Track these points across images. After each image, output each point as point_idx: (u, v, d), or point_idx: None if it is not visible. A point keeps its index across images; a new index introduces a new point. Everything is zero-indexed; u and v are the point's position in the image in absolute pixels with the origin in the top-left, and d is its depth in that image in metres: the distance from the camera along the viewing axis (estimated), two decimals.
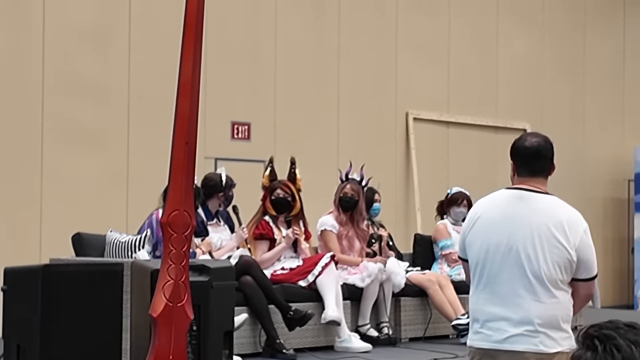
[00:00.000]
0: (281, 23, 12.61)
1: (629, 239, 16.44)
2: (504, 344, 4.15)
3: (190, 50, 4.15)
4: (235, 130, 12.24)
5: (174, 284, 4.13)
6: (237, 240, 8.47)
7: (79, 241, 7.98)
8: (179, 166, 4.16)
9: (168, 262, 4.13)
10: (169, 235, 4.17)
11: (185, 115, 4.25)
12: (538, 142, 4.33)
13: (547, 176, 4.34)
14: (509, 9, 15.08)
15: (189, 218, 4.19)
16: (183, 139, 4.23)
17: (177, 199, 4.16)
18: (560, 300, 4.14)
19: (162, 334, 4.09)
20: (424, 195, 13.53)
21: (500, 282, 4.17)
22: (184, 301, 4.15)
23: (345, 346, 8.38)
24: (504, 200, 4.28)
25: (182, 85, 4.26)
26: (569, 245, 4.12)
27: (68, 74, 10.87)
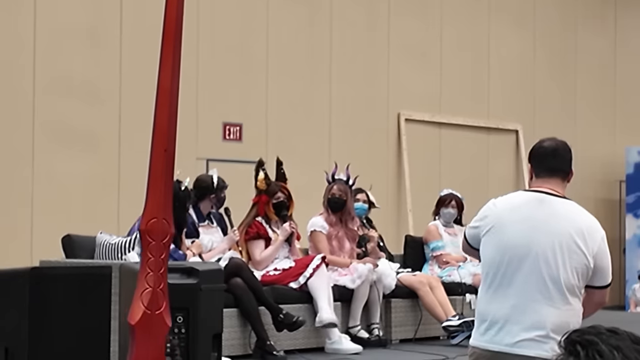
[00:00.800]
0: (273, 25, 12.61)
1: (621, 239, 16.47)
2: (514, 347, 4.10)
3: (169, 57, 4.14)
4: (227, 131, 12.23)
5: (152, 291, 4.12)
6: (228, 243, 8.46)
7: (69, 243, 7.97)
8: (157, 173, 4.15)
9: (146, 269, 4.13)
10: (147, 243, 4.16)
11: (164, 122, 4.23)
12: (556, 142, 4.33)
13: (565, 180, 4.28)
14: (501, 10, 15.10)
15: (167, 226, 4.18)
16: (162, 146, 4.21)
17: (156, 206, 4.14)
18: (575, 307, 4.11)
19: (140, 342, 4.08)
20: (416, 196, 13.54)
21: (515, 285, 4.13)
22: (162, 309, 4.14)
23: (336, 348, 8.37)
24: (524, 203, 4.23)
25: (160, 93, 4.25)
26: (588, 251, 4.09)
27: (59, 75, 10.86)
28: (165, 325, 4.16)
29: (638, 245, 16.10)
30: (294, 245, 8.78)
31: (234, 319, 7.96)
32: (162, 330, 4.13)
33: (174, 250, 7.62)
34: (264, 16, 12.55)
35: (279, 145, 11.88)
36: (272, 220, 8.71)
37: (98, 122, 11.11)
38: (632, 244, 16.15)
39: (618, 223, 16.60)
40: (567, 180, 4.31)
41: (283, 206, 8.69)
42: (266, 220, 8.70)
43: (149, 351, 4.06)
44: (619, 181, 16.57)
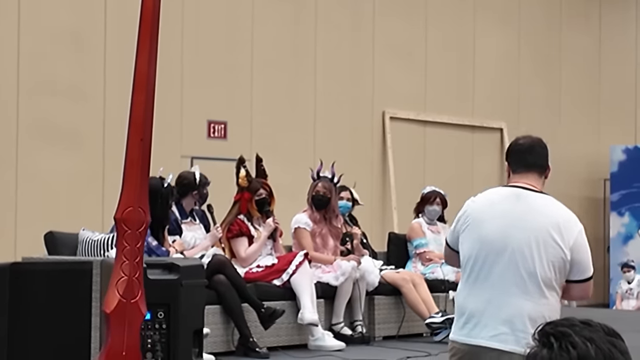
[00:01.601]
0: (258, 23, 12.61)
1: (605, 237, 16.53)
2: (490, 341, 4.12)
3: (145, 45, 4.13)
4: (211, 129, 12.23)
5: (127, 280, 4.12)
6: (211, 240, 8.46)
7: (51, 240, 7.96)
8: (133, 162, 4.15)
9: (122, 258, 4.13)
10: (122, 232, 4.17)
11: (141, 112, 4.23)
12: (532, 139, 4.36)
13: (542, 175, 4.29)
14: (485, 9, 15.13)
15: (143, 215, 4.18)
16: (138, 136, 4.21)
17: (132, 195, 4.15)
18: (552, 301, 4.12)
19: (115, 331, 4.08)
20: (401, 194, 13.56)
21: (492, 280, 4.15)
22: (137, 297, 4.14)
23: (319, 345, 8.38)
24: (501, 198, 4.26)
25: (137, 81, 4.25)
26: (564, 244, 4.10)
27: (43, 75, 10.84)
28: (141, 313, 4.17)
29: (622, 243, 16.17)
30: (277, 242, 8.79)
31: (217, 316, 7.96)
32: (137, 319, 4.14)
33: (157, 247, 7.61)
34: (249, 14, 12.54)
35: (264, 143, 11.88)
36: (253, 217, 8.71)
37: (82, 120, 11.09)
38: (616, 242, 16.22)
39: (602, 221, 16.66)
40: (545, 176, 4.32)
41: (265, 202, 8.70)
42: (248, 218, 8.70)
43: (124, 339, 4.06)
44: (603, 179, 16.63)
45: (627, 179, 16.13)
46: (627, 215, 16.17)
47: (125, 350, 4.03)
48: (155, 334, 5.41)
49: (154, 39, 4.14)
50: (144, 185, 4.11)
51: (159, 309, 5.39)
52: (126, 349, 4.04)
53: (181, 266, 5.61)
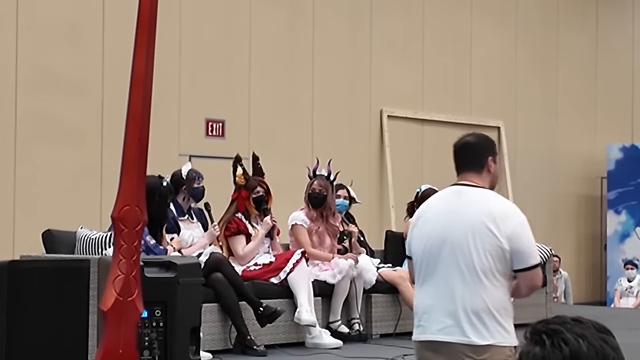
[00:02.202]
0: (256, 21, 12.62)
1: (602, 235, 16.56)
2: (438, 334, 4.20)
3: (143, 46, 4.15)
4: (209, 128, 12.24)
5: (124, 278, 4.14)
6: (209, 238, 8.47)
7: (49, 238, 7.97)
8: (130, 162, 4.17)
9: (119, 257, 4.15)
10: (120, 230, 4.18)
11: (138, 111, 4.25)
12: (466, 139, 4.45)
13: (482, 171, 4.38)
14: (482, 8, 15.15)
15: (140, 213, 4.20)
16: (135, 135, 4.23)
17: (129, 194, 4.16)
18: (495, 291, 4.16)
19: (111, 328, 4.10)
20: (398, 192, 13.57)
21: (436, 275, 4.25)
22: (134, 295, 4.16)
23: (316, 342, 8.40)
24: (444, 197, 4.40)
25: (134, 81, 4.27)
26: (500, 233, 4.16)
27: (42, 70, 10.85)
28: (137, 311, 4.19)
29: (619, 241, 16.20)
30: (274, 240, 8.80)
31: (215, 314, 7.98)
32: (134, 317, 4.16)
33: (155, 246, 7.63)
34: (247, 12, 12.56)
35: (262, 142, 11.90)
36: (251, 215, 8.73)
37: (81, 117, 11.11)
38: (613, 240, 16.25)
39: (599, 219, 16.69)
40: (487, 170, 4.40)
41: (263, 200, 8.72)
42: (246, 216, 8.72)
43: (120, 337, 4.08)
44: (600, 178, 16.66)
45: (623, 177, 16.16)
46: (624, 213, 16.19)
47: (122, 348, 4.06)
48: (152, 332, 5.43)
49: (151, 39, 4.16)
50: (141, 184, 4.13)
51: (156, 307, 5.41)
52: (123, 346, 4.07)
53: (178, 264, 5.63)
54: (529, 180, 15.54)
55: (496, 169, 4.43)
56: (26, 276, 5.17)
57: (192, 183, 8.58)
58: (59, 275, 5.32)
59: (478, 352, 4.12)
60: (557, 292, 14.21)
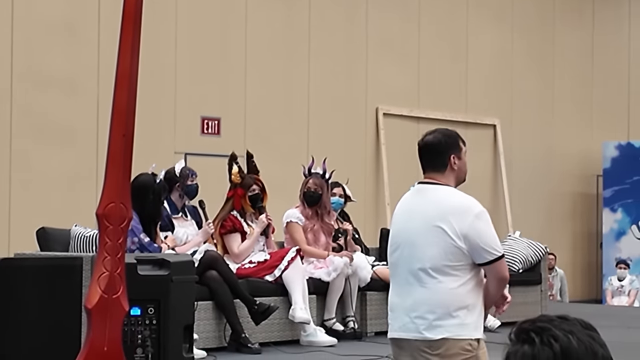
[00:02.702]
0: (251, 19, 12.61)
1: (598, 233, 16.56)
2: (400, 332, 4.27)
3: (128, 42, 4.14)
4: (205, 125, 12.23)
5: (109, 275, 4.12)
6: (203, 236, 8.46)
7: (43, 236, 7.96)
8: (115, 158, 4.15)
9: (103, 254, 4.13)
10: (104, 227, 4.17)
11: (123, 107, 4.24)
12: (428, 138, 4.47)
13: (445, 169, 4.40)
14: (479, 5, 15.15)
15: (125, 210, 4.18)
16: (120, 131, 4.22)
17: (114, 191, 4.15)
18: (448, 286, 4.20)
19: (96, 326, 4.09)
20: (394, 190, 13.57)
21: (397, 273, 4.34)
22: (119, 293, 4.15)
23: (311, 340, 8.40)
24: (407, 196, 4.48)
25: (119, 78, 4.26)
26: (453, 232, 4.20)
27: (37, 68, 10.84)
28: (122, 309, 4.17)
29: (615, 239, 16.20)
30: (269, 238, 8.80)
31: (209, 312, 7.98)
32: (119, 314, 4.15)
33: (149, 244, 7.62)
34: (243, 10, 12.55)
35: (257, 140, 11.90)
36: (246, 213, 8.72)
37: (76, 115, 11.09)
38: (609, 238, 16.25)
39: (595, 217, 16.70)
40: (451, 167, 4.42)
41: (258, 198, 8.71)
42: (241, 214, 8.71)
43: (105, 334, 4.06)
44: (596, 176, 16.66)
45: (619, 175, 16.16)
46: (620, 211, 16.20)
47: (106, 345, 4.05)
48: (145, 330, 5.42)
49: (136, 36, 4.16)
50: (126, 180, 4.12)
51: (149, 305, 5.40)
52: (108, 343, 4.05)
53: (171, 262, 5.62)
54: (524, 177, 15.54)
55: (462, 164, 4.43)
56: (19, 274, 5.16)
57: (186, 180, 8.57)
58: (52, 273, 5.31)
59: (432, 347, 4.17)
60: (552, 290, 14.21)
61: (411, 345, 4.22)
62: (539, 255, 10.47)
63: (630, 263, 15.11)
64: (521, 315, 10.06)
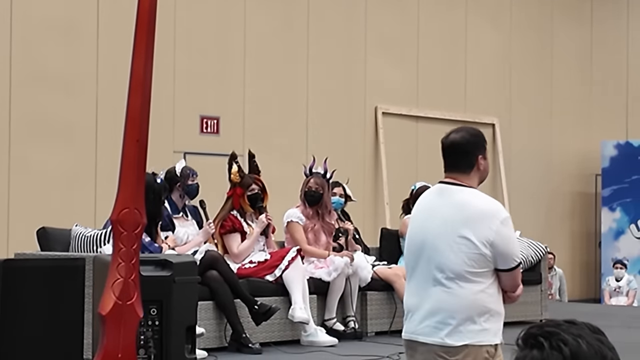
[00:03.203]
0: (250, 18, 12.60)
1: (596, 232, 16.57)
2: (417, 335, 4.19)
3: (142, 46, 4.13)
4: (204, 125, 12.22)
5: (123, 282, 4.11)
6: (204, 236, 8.44)
7: (44, 235, 7.95)
8: (129, 164, 4.13)
9: (118, 260, 4.11)
10: (119, 233, 4.15)
11: (137, 112, 4.22)
12: (455, 137, 4.33)
13: (468, 171, 4.29)
14: (477, 4, 15.14)
15: (139, 216, 4.16)
16: (134, 137, 4.20)
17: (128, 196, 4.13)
18: (472, 292, 4.13)
19: (110, 332, 4.06)
20: (393, 189, 13.57)
21: (416, 275, 4.24)
22: (133, 299, 4.13)
23: (312, 340, 8.39)
24: (428, 195, 4.37)
25: (133, 82, 4.24)
26: (478, 239, 4.12)
27: (36, 67, 10.82)
28: (137, 315, 4.15)
29: (613, 238, 16.21)
30: (269, 238, 8.79)
31: (210, 312, 7.97)
32: (134, 321, 4.13)
33: (150, 243, 7.61)
34: (242, 9, 12.54)
35: (256, 139, 11.89)
36: (246, 213, 8.71)
37: (75, 114, 11.08)
38: (608, 237, 16.26)
39: (594, 216, 16.70)
40: (477, 168, 4.32)
41: (258, 198, 8.69)
42: (241, 214, 8.70)
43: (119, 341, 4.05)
44: (594, 175, 16.66)
45: (618, 174, 16.17)
46: (619, 210, 16.20)
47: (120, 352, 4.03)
48: (148, 331, 5.41)
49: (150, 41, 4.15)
50: (140, 186, 4.10)
51: (152, 306, 5.39)
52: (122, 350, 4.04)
53: (174, 263, 5.61)
54: (523, 177, 15.54)
55: (486, 164, 4.34)
56: (21, 275, 5.15)
57: (187, 180, 8.56)
58: (54, 274, 5.30)
59: (450, 352, 4.11)
60: (551, 289, 14.21)
61: (427, 349, 4.16)
62: (539, 255, 10.46)
63: (627, 263, 15.11)
64: (521, 315, 10.06)
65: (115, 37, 11.26)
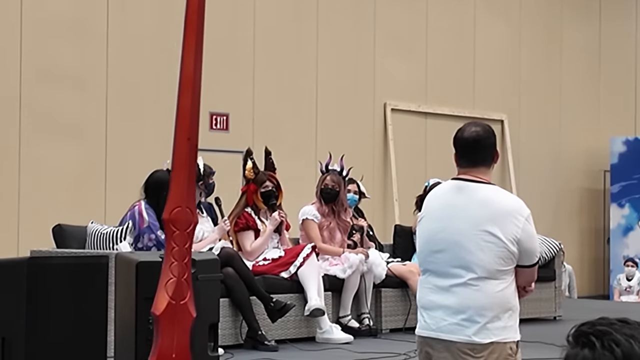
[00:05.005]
0: (260, 14, 12.58)
1: (605, 229, 16.55)
2: (439, 332, 4.14)
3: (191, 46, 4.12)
4: (213, 121, 12.21)
5: (176, 281, 4.07)
6: (219, 233, 8.43)
7: (60, 232, 7.93)
8: (181, 162, 4.11)
9: (170, 259, 4.08)
10: (171, 232, 4.11)
11: (187, 111, 4.21)
12: (477, 132, 4.25)
13: (490, 165, 4.27)
14: (487, 0, 15.12)
15: (191, 215, 4.14)
16: (185, 135, 4.19)
17: (179, 195, 4.10)
18: (498, 290, 4.10)
19: (165, 332, 4.03)
20: (402, 186, 13.56)
21: (438, 271, 4.17)
22: (187, 299, 4.10)
23: (327, 337, 8.38)
24: (445, 192, 4.29)
25: (183, 81, 4.23)
26: (506, 238, 4.08)
27: (46, 65, 10.81)
28: (190, 315, 4.12)
29: (622, 234, 16.19)
30: (283, 235, 8.77)
31: (226, 309, 7.95)
32: (187, 320, 4.10)
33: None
34: (251, 6, 12.52)
35: (266, 135, 11.87)
36: (260, 210, 8.69)
37: (85, 112, 11.07)
38: (617, 234, 16.24)
39: (602, 213, 16.68)
40: (494, 161, 4.30)
41: (272, 195, 8.66)
42: (255, 211, 8.68)
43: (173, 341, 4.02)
44: (603, 171, 16.65)
45: (627, 170, 16.15)
46: (628, 206, 16.19)
47: (174, 352, 4.00)
48: None
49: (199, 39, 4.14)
50: (192, 184, 4.08)
51: None
52: (176, 350, 4.01)
53: (197, 260, 5.59)
54: (532, 173, 15.52)
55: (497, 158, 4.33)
56: (44, 273, 5.13)
57: (209, 178, 8.56)
58: (78, 272, 5.28)
59: (476, 349, 4.08)
60: (561, 285, 14.20)
61: (450, 347, 4.12)
62: (553, 252, 10.45)
63: (638, 262, 15.09)
64: (536, 312, 10.05)
65: (125, 35, 11.24)
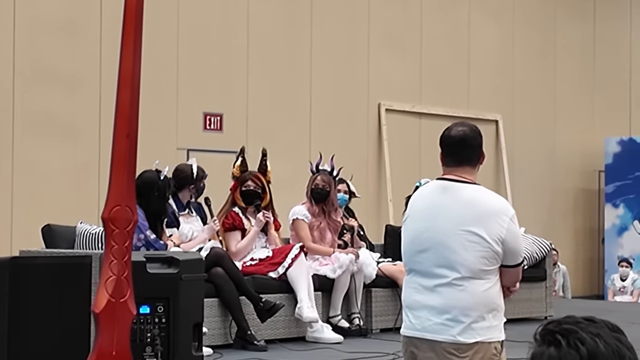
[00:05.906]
0: (253, 14, 12.59)
1: (600, 229, 16.56)
2: (424, 332, 4.14)
3: (130, 41, 4.12)
4: (207, 121, 12.21)
5: (116, 279, 4.08)
6: (209, 233, 8.43)
7: (49, 233, 7.94)
8: (120, 160, 4.11)
9: (110, 257, 4.09)
10: (110, 231, 4.12)
11: (126, 107, 4.20)
12: (463, 131, 4.26)
13: (476, 165, 4.27)
14: (481, 1, 15.12)
15: (130, 213, 4.13)
16: (124, 132, 4.18)
17: (119, 194, 4.10)
18: (482, 290, 4.11)
19: (104, 330, 4.04)
20: (396, 186, 13.55)
21: (423, 271, 4.17)
22: (126, 297, 4.10)
23: (317, 337, 8.39)
24: (431, 192, 4.28)
25: (122, 78, 4.23)
26: (490, 237, 4.09)
27: (39, 65, 10.81)
28: (130, 313, 4.13)
29: (617, 235, 16.20)
30: (270, 234, 8.75)
31: (215, 309, 7.96)
32: (127, 318, 4.10)
33: (155, 240, 7.61)
34: (245, 6, 12.52)
35: (260, 136, 11.87)
36: (246, 210, 8.69)
37: (78, 112, 11.07)
38: (611, 234, 16.25)
39: (597, 213, 16.69)
40: (480, 163, 4.30)
41: (253, 195, 8.64)
42: (242, 211, 8.68)
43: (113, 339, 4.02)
44: (598, 171, 16.65)
45: (621, 170, 16.16)
46: (622, 206, 16.19)
47: (115, 350, 4.01)
48: (154, 328, 5.41)
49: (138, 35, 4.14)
50: (131, 183, 4.07)
51: (159, 303, 5.39)
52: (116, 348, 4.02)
53: (181, 260, 5.60)
54: (526, 173, 15.52)
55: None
56: (28, 273, 5.14)
57: (201, 182, 8.59)
58: (61, 272, 5.29)
59: (461, 349, 4.08)
60: (555, 285, 14.20)
61: (435, 347, 4.12)
62: (544, 252, 10.45)
63: (632, 262, 15.09)
64: (526, 312, 10.06)
65: (118, 35, 11.19)
